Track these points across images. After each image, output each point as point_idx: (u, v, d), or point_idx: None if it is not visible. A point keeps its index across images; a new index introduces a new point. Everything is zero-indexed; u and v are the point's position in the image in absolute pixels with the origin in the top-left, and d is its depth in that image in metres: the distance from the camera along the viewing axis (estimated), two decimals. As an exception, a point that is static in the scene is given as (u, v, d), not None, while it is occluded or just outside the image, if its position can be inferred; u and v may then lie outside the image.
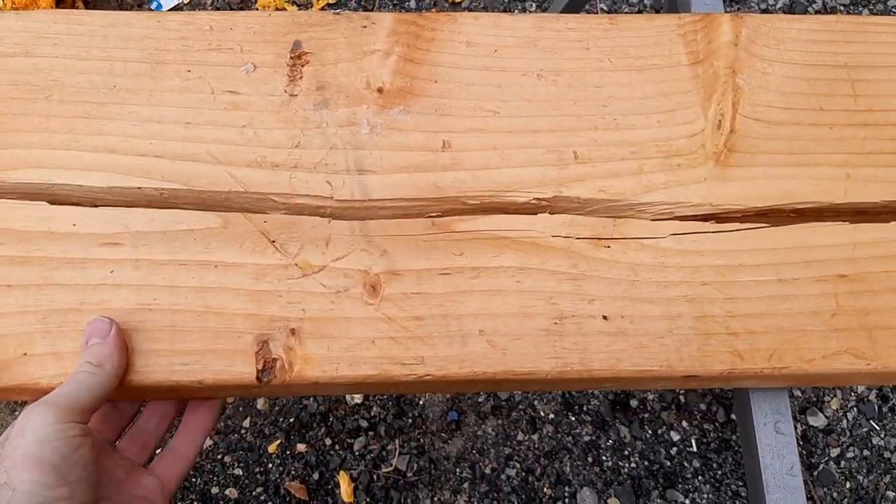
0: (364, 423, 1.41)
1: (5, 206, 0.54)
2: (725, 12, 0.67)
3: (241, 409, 1.41)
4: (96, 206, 0.55)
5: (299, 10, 1.66)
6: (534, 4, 1.79)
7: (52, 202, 0.56)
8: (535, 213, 0.58)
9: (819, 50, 0.63)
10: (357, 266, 0.55)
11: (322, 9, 1.69)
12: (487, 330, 0.54)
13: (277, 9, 1.69)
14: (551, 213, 0.58)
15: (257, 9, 1.68)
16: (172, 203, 0.56)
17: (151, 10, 1.69)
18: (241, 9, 1.70)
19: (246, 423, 1.39)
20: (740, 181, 0.59)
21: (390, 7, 1.75)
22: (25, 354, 0.51)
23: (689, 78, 0.62)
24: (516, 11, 1.72)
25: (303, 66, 0.60)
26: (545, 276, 0.56)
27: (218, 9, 1.69)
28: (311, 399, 1.41)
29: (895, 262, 0.57)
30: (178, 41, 0.60)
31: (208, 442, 1.38)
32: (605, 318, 0.55)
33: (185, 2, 1.70)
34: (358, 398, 1.42)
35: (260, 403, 1.40)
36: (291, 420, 1.40)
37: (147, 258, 0.54)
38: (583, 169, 0.58)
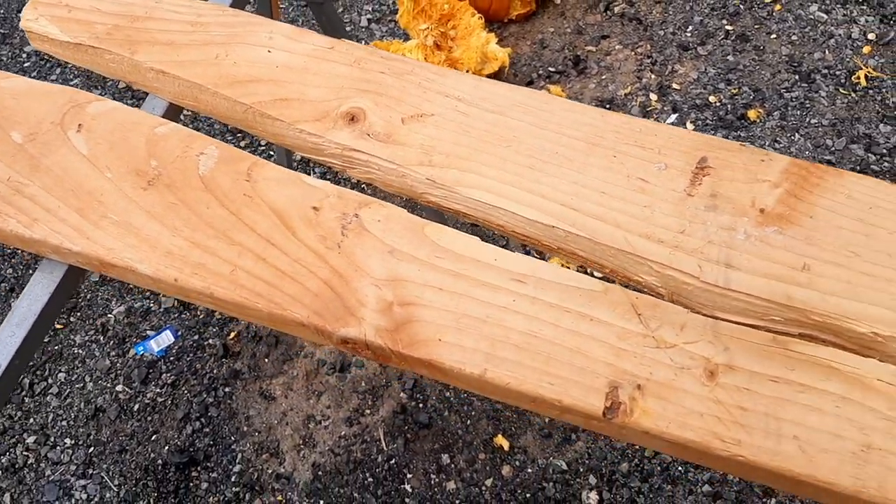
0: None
1: (451, 234, 0.73)
2: None
3: (488, 467, 1.54)
4: (512, 246, 0.73)
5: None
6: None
7: (480, 224, 0.75)
8: (862, 354, 0.66)
9: None
10: (702, 353, 0.66)
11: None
12: (801, 437, 0.63)
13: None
14: (880, 360, 0.65)
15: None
16: (572, 244, 0.72)
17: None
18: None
19: (488, 481, 1.52)
20: None
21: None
22: (440, 340, 0.68)
23: None
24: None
25: (704, 175, 0.74)
26: (863, 410, 0.63)
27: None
28: (551, 484, 1.51)
29: None
30: (613, 133, 0.77)
31: (451, 485, 1.52)
32: (909, 458, 0.61)
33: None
34: (593, 500, 1.48)
35: (505, 470, 1.52)
36: (528, 495, 1.50)
37: (542, 299, 0.69)
38: (928, 325, 0.65)
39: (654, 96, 1.93)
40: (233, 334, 1.73)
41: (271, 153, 1.90)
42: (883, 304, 0.67)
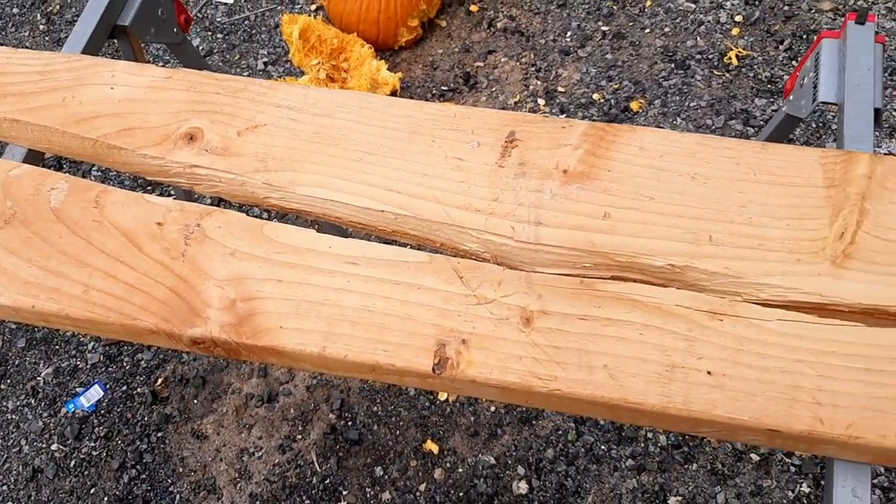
0: (525, 517, 1.51)
1: (288, 230, 0.78)
2: (874, 151, 0.79)
3: (420, 473, 1.57)
4: (349, 233, 0.79)
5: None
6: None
7: (320, 219, 0.81)
8: (666, 286, 0.72)
9: (950, 191, 0.73)
10: (518, 303, 0.73)
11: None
12: (610, 366, 0.69)
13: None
14: (678, 288, 0.72)
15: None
16: (401, 225, 0.78)
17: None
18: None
19: (422, 487, 1.56)
20: (852, 282, 0.69)
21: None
22: (281, 327, 0.74)
23: (822, 197, 0.74)
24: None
25: (512, 147, 0.81)
26: (664, 334, 0.70)
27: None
28: (482, 480, 1.55)
29: None
30: (431, 120, 0.84)
31: (386, 496, 1.55)
32: (709, 373, 0.68)
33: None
34: (523, 489, 1.53)
35: (437, 473, 1.57)
36: (461, 494, 1.54)
37: (374, 276, 0.75)
38: (714, 249, 0.72)
39: (542, 101, 2.02)
40: (160, 380, 1.76)
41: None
42: (676, 239, 0.74)
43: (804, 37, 2.04)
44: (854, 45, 0.91)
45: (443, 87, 2.11)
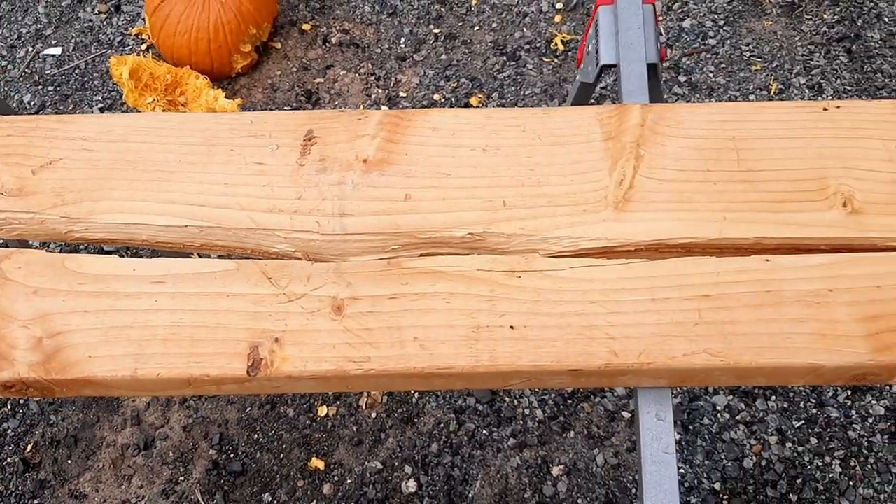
0: (419, 515, 1.52)
1: (89, 259, 0.77)
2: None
3: (308, 492, 1.56)
4: (153, 254, 0.78)
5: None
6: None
7: (128, 244, 0.80)
8: (468, 254, 0.76)
9: (712, 127, 0.80)
10: (328, 294, 0.74)
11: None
12: (420, 337, 0.71)
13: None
14: (479, 254, 0.76)
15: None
16: (208, 237, 0.78)
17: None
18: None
19: (312, 505, 1.55)
20: (633, 222, 0.74)
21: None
22: (90, 357, 0.72)
23: (601, 150, 0.79)
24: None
25: (311, 145, 0.82)
26: (469, 298, 0.73)
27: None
28: (371, 487, 1.55)
29: (750, 285, 0.70)
30: (228, 130, 0.84)
31: (279, 522, 1.53)
32: (511, 327, 0.71)
33: None
34: (412, 487, 1.54)
35: (326, 488, 1.56)
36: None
37: (182, 291, 0.75)
38: (509, 213, 0.76)
39: (385, 108, 2.05)
40: (30, 446, 1.68)
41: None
42: (474, 209, 0.77)
43: (622, 16, 2.15)
44: (625, 9, 0.97)
45: (286, 108, 2.10)
